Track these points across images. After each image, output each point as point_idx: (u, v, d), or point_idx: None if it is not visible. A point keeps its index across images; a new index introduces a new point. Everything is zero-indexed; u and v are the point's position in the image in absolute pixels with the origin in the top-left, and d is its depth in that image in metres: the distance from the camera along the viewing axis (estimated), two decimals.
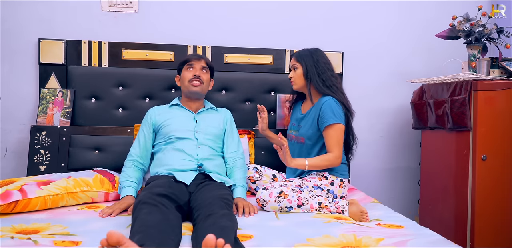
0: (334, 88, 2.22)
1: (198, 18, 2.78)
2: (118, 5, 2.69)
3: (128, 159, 2.23)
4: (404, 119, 2.99)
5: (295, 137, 2.31)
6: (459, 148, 2.40)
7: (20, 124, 2.64)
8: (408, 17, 2.97)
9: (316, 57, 2.26)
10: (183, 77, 2.32)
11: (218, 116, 2.37)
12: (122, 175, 2.17)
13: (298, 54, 2.29)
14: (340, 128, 2.16)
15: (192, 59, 2.33)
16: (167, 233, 1.53)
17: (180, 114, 2.31)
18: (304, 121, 2.28)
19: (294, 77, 2.29)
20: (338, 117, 2.15)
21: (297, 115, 2.37)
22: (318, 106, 2.21)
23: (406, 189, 3.03)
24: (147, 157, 2.26)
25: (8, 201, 1.83)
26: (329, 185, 2.17)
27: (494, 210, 2.30)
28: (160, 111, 2.33)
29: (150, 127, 2.28)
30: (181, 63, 2.36)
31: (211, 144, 2.24)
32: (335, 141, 2.14)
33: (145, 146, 2.26)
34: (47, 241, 1.50)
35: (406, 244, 1.55)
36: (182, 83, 2.33)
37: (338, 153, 2.14)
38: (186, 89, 2.31)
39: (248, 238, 1.60)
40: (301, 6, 2.86)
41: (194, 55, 2.38)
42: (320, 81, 2.22)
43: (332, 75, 2.26)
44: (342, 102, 2.20)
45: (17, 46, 2.62)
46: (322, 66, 2.24)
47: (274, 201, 1.98)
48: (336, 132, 2.15)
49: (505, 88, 2.30)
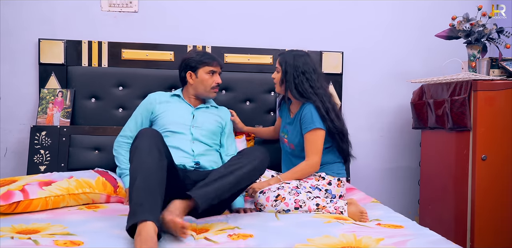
0: (313, 98, 2.17)
1: (198, 18, 2.78)
2: (118, 5, 2.69)
3: (123, 141, 2.25)
4: (404, 119, 2.99)
5: (287, 141, 2.30)
6: (459, 148, 2.40)
7: (20, 124, 2.63)
8: (407, 17, 2.97)
9: (298, 63, 2.19)
10: (202, 79, 2.28)
11: (217, 114, 2.36)
12: (121, 159, 2.20)
13: (282, 56, 2.25)
14: (319, 134, 2.14)
15: (215, 65, 2.30)
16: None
17: (179, 107, 2.29)
18: (292, 127, 2.27)
19: (276, 80, 2.28)
20: (318, 122, 2.13)
21: (286, 117, 2.35)
22: (300, 112, 2.20)
23: (406, 189, 3.03)
24: None
25: (9, 201, 1.83)
26: (326, 185, 2.17)
27: (494, 210, 2.31)
28: (161, 99, 2.30)
29: (148, 113, 2.28)
30: (199, 62, 2.28)
31: (206, 140, 2.24)
32: (312, 147, 2.13)
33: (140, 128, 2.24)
34: (48, 241, 1.50)
35: (406, 244, 1.55)
36: (199, 84, 2.29)
37: (314, 160, 2.13)
38: (206, 93, 2.31)
39: (249, 237, 1.60)
40: (301, 6, 2.86)
41: (215, 59, 2.32)
42: (296, 92, 2.19)
43: (311, 85, 2.18)
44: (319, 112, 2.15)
45: (17, 46, 2.62)
46: (301, 76, 2.18)
47: (271, 205, 1.97)
48: (313, 137, 2.14)
49: (505, 88, 2.30)
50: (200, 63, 2.29)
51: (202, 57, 2.30)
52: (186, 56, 2.35)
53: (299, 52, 2.26)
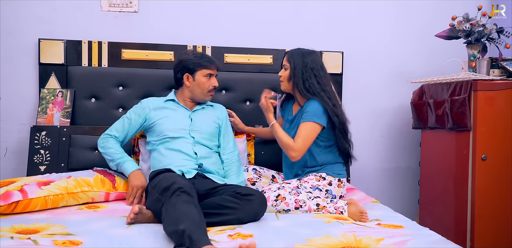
0: (319, 95, 2.18)
1: (198, 18, 2.78)
2: (118, 5, 2.69)
3: (108, 137, 2.24)
4: (404, 119, 2.99)
5: None
6: (459, 148, 2.40)
7: (20, 124, 2.63)
8: (407, 17, 2.97)
9: (307, 60, 2.22)
10: (199, 82, 2.26)
11: (213, 113, 2.35)
12: (111, 151, 2.19)
13: (290, 54, 2.27)
14: (314, 127, 2.13)
15: (212, 68, 2.29)
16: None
17: (175, 112, 2.28)
18: (293, 124, 2.27)
19: (282, 77, 2.28)
20: (318, 118, 2.13)
21: (288, 116, 2.36)
22: (303, 108, 2.20)
23: (406, 189, 3.03)
24: (123, 143, 2.27)
25: (8, 201, 1.83)
26: (327, 185, 2.17)
27: (494, 210, 2.30)
28: (155, 105, 2.28)
29: (140, 118, 2.25)
30: (197, 64, 2.26)
31: (206, 142, 2.24)
32: (302, 135, 2.11)
33: (126, 133, 2.25)
34: (47, 241, 1.50)
35: (406, 244, 1.55)
36: (196, 87, 2.27)
37: (298, 146, 2.10)
38: (202, 96, 2.30)
39: (249, 236, 1.60)
40: (301, 6, 2.86)
41: (213, 62, 2.31)
42: (303, 88, 2.20)
43: (319, 82, 2.21)
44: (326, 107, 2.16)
45: (17, 46, 2.62)
46: (309, 72, 2.20)
47: (272, 205, 1.98)
48: (307, 128, 2.12)
49: (505, 88, 2.30)
50: (198, 65, 2.26)
51: (201, 60, 2.28)
52: (183, 58, 2.31)
53: (307, 50, 2.28)
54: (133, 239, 1.56)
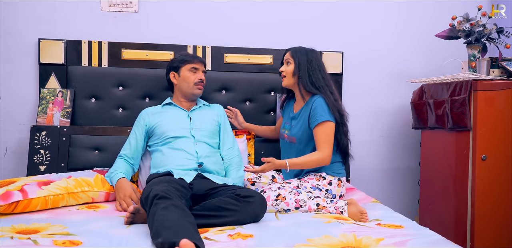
0: (323, 89, 2.21)
1: (198, 18, 2.78)
2: (118, 5, 2.69)
3: (118, 159, 2.26)
4: (404, 119, 2.99)
5: (287, 136, 2.31)
6: (459, 148, 2.40)
7: (20, 124, 2.63)
8: (408, 17, 2.97)
9: (311, 57, 2.26)
10: (184, 77, 2.34)
11: (211, 112, 2.40)
12: (110, 170, 2.20)
13: (294, 50, 2.30)
14: (330, 126, 2.14)
15: (196, 62, 2.36)
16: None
17: (174, 113, 2.33)
18: (296, 121, 2.28)
19: (286, 72, 2.29)
20: (329, 115, 2.14)
21: (289, 114, 2.37)
22: (309, 105, 2.21)
23: (406, 189, 3.03)
24: (138, 158, 2.29)
25: (9, 201, 1.83)
26: (327, 185, 2.17)
27: (494, 210, 2.30)
28: (153, 111, 2.35)
29: (142, 128, 2.30)
30: (180, 61, 2.37)
31: (208, 140, 2.26)
32: (324, 139, 2.12)
33: (136, 148, 2.27)
34: (47, 241, 1.50)
35: (406, 244, 1.55)
36: (183, 82, 2.35)
37: (327, 152, 2.11)
38: (190, 90, 2.34)
39: (249, 236, 1.60)
40: (301, 6, 2.86)
41: (196, 57, 2.40)
42: (309, 81, 2.22)
43: (323, 77, 2.25)
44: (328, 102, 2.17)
45: (17, 46, 2.62)
46: (315, 67, 2.24)
47: (272, 204, 1.98)
48: (325, 129, 2.13)
49: (505, 88, 2.30)
50: (181, 61, 2.36)
51: (184, 56, 2.38)
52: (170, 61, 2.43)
53: (308, 48, 2.32)
54: (133, 239, 1.56)
